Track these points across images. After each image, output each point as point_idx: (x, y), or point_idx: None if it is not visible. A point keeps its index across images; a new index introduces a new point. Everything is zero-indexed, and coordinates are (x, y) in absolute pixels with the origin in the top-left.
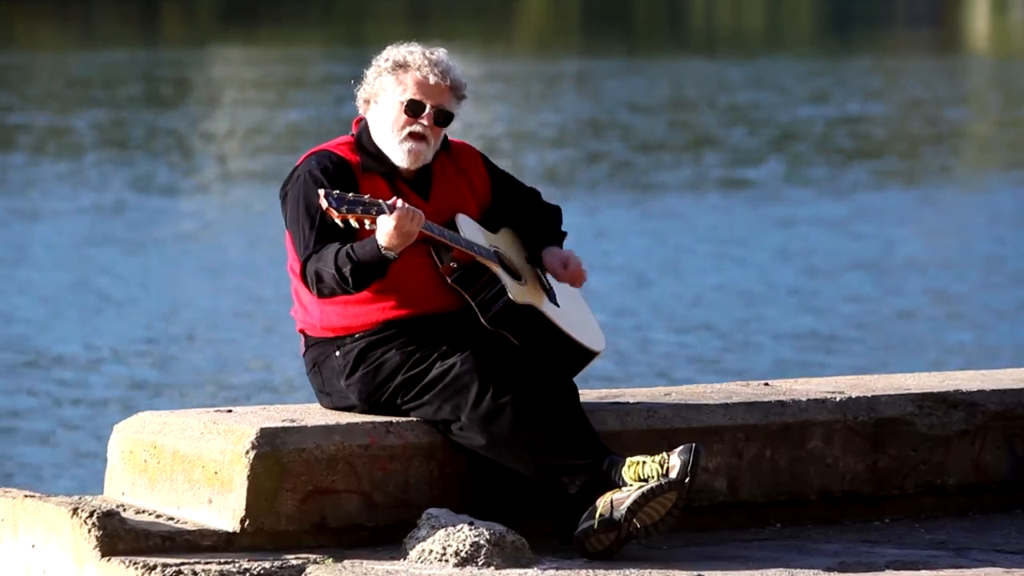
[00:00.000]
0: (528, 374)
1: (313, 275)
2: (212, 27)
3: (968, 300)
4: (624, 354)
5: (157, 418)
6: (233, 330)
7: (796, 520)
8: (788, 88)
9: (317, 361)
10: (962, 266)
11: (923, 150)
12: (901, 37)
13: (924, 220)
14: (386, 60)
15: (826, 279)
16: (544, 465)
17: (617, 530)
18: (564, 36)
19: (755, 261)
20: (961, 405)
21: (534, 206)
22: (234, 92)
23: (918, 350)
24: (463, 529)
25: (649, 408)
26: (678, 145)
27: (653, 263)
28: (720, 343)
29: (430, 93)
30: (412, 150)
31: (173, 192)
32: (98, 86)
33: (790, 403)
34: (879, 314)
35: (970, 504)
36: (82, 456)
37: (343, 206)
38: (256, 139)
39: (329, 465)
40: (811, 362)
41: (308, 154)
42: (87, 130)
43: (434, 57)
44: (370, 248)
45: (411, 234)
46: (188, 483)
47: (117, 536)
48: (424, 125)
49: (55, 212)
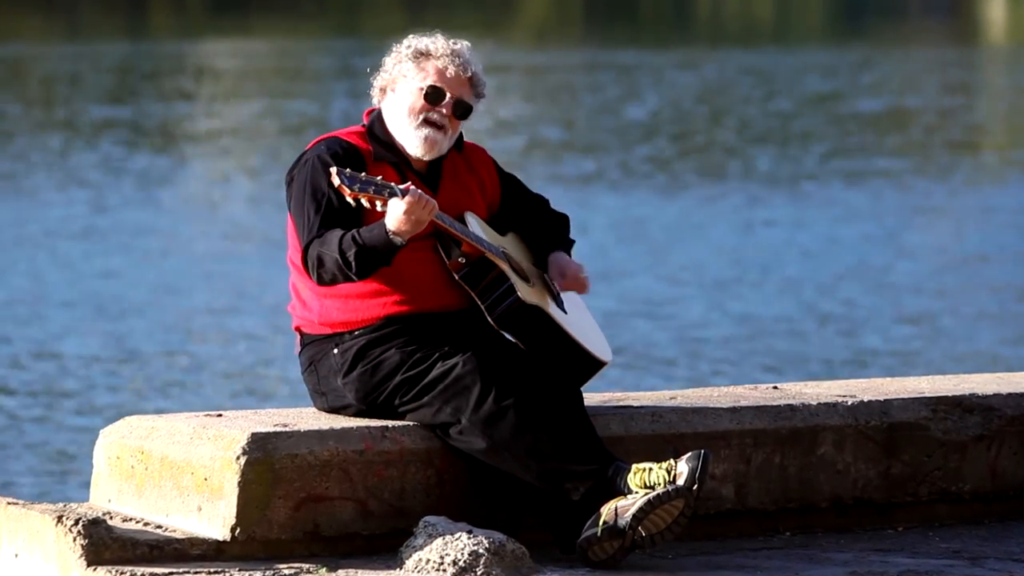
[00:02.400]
0: (532, 377)
1: (315, 259)
2: (202, 18)
3: (988, 299)
4: (629, 356)
5: (145, 422)
6: (223, 330)
7: (806, 528)
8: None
9: (313, 359)
10: (986, 262)
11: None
12: (917, 27)
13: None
14: (408, 47)
15: (857, 278)
16: (547, 471)
17: (621, 539)
18: (566, 27)
19: (771, 257)
20: (977, 409)
21: (542, 213)
22: (224, 86)
23: (934, 351)
24: (461, 538)
25: (654, 412)
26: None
27: (659, 260)
28: (728, 344)
29: (451, 83)
30: (428, 137)
31: (159, 189)
32: (83, 79)
33: (800, 407)
34: (891, 315)
35: (986, 512)
36: (67, 462)
37: (355, 185)
38: (247, 135)
39: (323, 471)
40: (823, 362)
41: (317, 140)
42: (70, 124)
43: (458, 48)
44: (377, 232)
45: (421, 221)
46: (177, 490)
47: (103, 545)
48: (442, 114)
49: (36, 209)
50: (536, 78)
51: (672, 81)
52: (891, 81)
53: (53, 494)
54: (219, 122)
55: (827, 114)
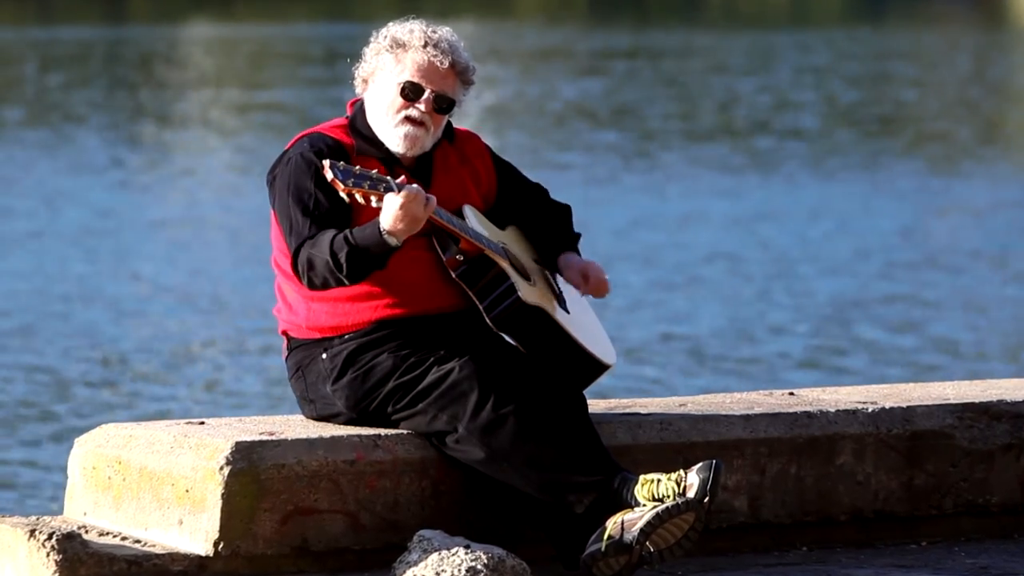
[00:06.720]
0: (533, 382)
1: (305, 262)
2: (182, 2)
3: (1016, 299)
4: (636, 359)
5: (122, 431)
6: (206, 334)
7: (824, 543)
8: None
9: (301, 365)
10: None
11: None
12: (941, 11)
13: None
14: (385, 37)
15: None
16: (549, 482)
17: (628, 554)
18: (568, 10)
19: (782, 254)
20: (1005, 417)
21: (542, 204)
22: (206, 72)
23: (957, 356)
24: (458, 553)
25: (663, 420)
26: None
27: (663, 257)
28: (741, 347)
29: (431, 77)
30: (408, 134)
31: (139, 182)
32: (56, 64)
33: (817, 414)
34: (918, 315)
35: (1015, 525)
36: (40, 472)
37: (349, 179)
38: (230, 125)
39: (311, 482)
40: (839, 369)
41: (299, 136)
42: (44, 111)
43: (436, 36)
44: (371, 232)
45: (419, 220)
46: (156, 502)
47: (79, 560)
48: (421, 111)
49: (7, 205)
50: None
51: (681, 67)
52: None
53: (25, 507)
54: (198, 112)
55: (850, 114)
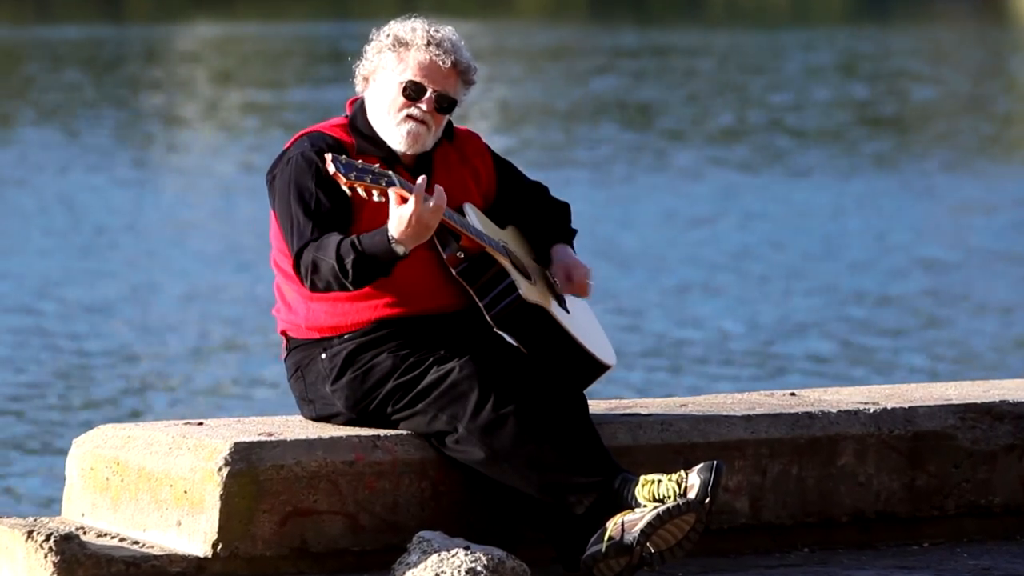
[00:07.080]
0: (533, 383)
1: (309, 265)
2: (182, 1)
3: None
4: (637, 359)
5: (120, 431)
6: (205, 334)
7: (825, 544)
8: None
9: (300, 365)
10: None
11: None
12: (942, 10)
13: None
14: (387, 35)
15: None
16: (549, 482)
17: (628, 555)
18: (569, 9)
19: (785, 254)
20: (1008, 417)
21: (542, 203)
22: (206, 71)
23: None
24: (458, 554)
25: (664, 420)
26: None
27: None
28: (743, 348)
29: (433, 76)
30: (411, 131)
31: (139, 182)
32: (54, 64)
33: (819, 415)
34: (920, 316)
35: (1017, 527)
36: (38, 474)
37: (351, 173)
38: (230, 124)
39: (310, 483)
40: (841, 370)
41: (299, 135)
42: (42, 114)
43: (439, 36)
44: (379, 239)
45: (429, 229)
46: (155, 503)
47: (76, 562)
48: (423, 110)
49: (7, 204)
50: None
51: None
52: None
53: (23, 508)
54: (198, 112)
55: (858, 111)
